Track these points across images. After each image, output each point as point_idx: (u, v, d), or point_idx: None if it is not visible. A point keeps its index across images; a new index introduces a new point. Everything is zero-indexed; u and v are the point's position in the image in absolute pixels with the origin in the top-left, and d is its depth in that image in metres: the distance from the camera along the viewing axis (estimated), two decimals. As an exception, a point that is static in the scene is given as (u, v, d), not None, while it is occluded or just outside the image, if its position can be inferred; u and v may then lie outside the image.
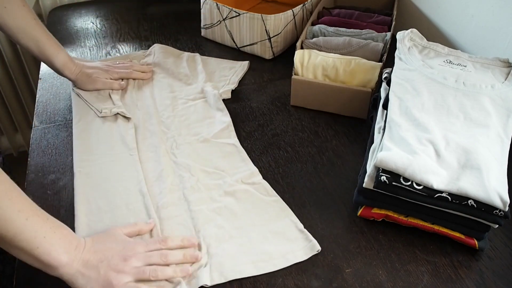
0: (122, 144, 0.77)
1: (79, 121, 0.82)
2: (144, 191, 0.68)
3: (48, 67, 0.88)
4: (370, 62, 0.83)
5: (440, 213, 0.60)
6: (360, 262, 0.61)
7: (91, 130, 0.80)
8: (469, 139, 0.62)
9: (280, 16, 0.97)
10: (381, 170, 0.59)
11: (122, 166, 0.74)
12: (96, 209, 0.66)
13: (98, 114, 0.83)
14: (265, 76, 0.98)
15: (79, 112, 0.84)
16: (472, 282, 0.59)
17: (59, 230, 0.54)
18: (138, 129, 0.81)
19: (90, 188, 0.70)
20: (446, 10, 0.97)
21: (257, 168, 0.73)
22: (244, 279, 0.58)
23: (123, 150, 0.76)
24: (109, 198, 0.68)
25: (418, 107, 0.66)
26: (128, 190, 0.69)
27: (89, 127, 0.81)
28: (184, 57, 1.00)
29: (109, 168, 0.73)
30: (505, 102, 0.67)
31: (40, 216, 0.52)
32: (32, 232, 0.50)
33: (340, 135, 0.82)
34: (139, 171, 0.72)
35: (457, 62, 0.74)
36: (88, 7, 1.26)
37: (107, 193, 0.69)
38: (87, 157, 0.75)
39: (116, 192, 0.69)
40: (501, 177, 0.58)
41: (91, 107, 0.85)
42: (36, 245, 0.50)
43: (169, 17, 1.21)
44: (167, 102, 0.87)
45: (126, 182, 0.70)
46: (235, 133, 0.80)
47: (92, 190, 0.69)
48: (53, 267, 0.52)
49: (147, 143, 0.78)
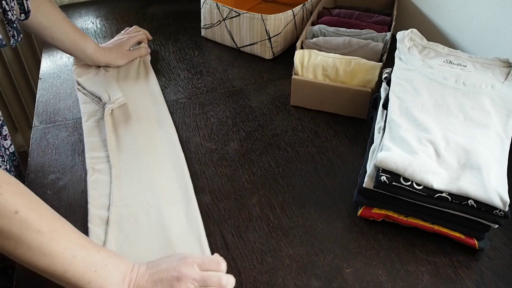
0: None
1: (88, 120, 0.83)
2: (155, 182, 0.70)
3: (79, 57, 0.93)
4: (370, 62, 0.83)
5: (440, 213, 0.60)
6: (360, 262, 0.61)
7: (101, 127, 0.81)
8: (469, 139, 0.62)
9: (280, 16, 0.97)
10: (381, 170, 0.59)
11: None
12: (108, 205, 0.67)
13: (105, 111, 0.83)
14: (265, 76, 0.98)
15: (86, 111, 0.86)
16: (472, 282, 0.59)
17: (110, 260, 0.51)
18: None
19: (104, 185, 0.70)
20: (446, 10, 0.97)
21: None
22: (244, 279, 0.58)
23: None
24: (123, 194, 0.69)
25: (418, 107, 0.66)
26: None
27: (98, 124, 0.82)
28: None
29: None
30: (505, 102, 0.67)
31: (90, 250, 0.50)
32: (82, 269, 0.48)
33: (340, 135, 0.82)
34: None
35: (457, 62, 0.74)
36: (88, 7, 1.26)
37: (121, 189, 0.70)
38: (99, 154, 0.76)
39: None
40: (501, 177, 0.58)
41: (97, 104, 0.87)
42: (88, 280, 0.49)
43: (169, 17, 1.21)
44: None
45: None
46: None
47: (106, 186, 0.70)
48: None
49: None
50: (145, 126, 0.82)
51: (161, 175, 0.72)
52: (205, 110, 0.88)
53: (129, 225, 0.64)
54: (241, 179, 0.73)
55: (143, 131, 0.81)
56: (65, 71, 0.99)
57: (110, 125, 0.80)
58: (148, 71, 0.97)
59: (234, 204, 0.69)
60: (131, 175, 0.72)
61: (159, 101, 0.89)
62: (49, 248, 0.46)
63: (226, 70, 1.00)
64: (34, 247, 0.45)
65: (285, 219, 0.67)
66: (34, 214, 0.46)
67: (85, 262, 0.49)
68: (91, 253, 0.50)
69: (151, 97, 0.90)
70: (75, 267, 0.48)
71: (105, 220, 0.64)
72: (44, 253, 0.46)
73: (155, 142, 0.79)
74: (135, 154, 0.76)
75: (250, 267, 0.59)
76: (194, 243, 0.62)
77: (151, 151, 0.77)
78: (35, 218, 0.46)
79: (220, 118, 0.86)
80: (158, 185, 0.70)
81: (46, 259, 0.46)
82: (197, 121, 0.85)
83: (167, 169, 0.73)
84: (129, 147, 0.77)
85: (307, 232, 0.65)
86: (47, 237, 0.46)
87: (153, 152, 0.76)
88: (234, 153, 0.79)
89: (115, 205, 0.67)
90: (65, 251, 0.47)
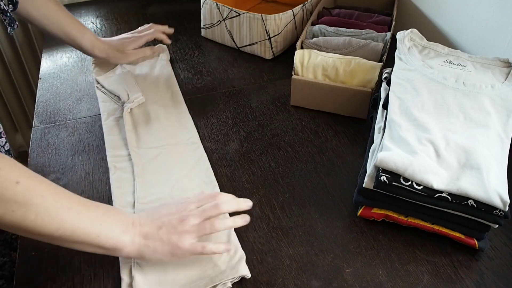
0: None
1: (107, 118, 0.84)
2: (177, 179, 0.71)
3: (78, 50, 0.90)
4: (370, 62, 0.83)
5: (440, 213, 0.60)
6: (360, 262, 0.61)
7: (120, 126, 0.82)
8: (469, 139, 0.62)
9: (280, 16, 0.97)
10: (381, 170, 0.59)
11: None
12: (132, 203, 0.68)
13: (124, 110, 0.83)
14: (265, 76, 0.98)
15: (106, 109, 0.86)
16: (472, 282, 0.59)
17: (112, 213, 0.54)
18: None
19: (126, 182, 0.71)
20: (446, 10, 0.97)
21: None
22: (244, 279, 0.58)
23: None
24: (147, 191, 0.69)
25: (418, 107, 0.66)
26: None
27: (117, 123, 0.83)
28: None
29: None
30: (505, 102, 0.67)
31: (90, 206, 0.52)
32: (88, 224, 0.50)
33: (340, 135, 0.82)
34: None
35: (457, 62, 0.74)
36: (88, 7, 1.26)
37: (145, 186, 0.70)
38: (120, 152, 0.76)
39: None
40: (501, 177, 0.58)
41: (116, 103, 0.87)
42: (96, 234, 0.51)
43: (169, 17, 1.21)
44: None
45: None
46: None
47: (129, 184, 0.71)
48: (118, 250, 0.53)
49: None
50: (165, 125, 0.82)
51: (184, 172, 0.73)
52: (205, 110, 0.88)
53: None
54: (241, 179, 0.73)
55: (164, 129, 0.81)
56: (65, 71, 0.99)
57: (129, 123, 0.81)
58: (167, 70, 0.97)
59: (234, 204, 0.69)
60: (153, 173, 0.72)
61: (179, 101, 0.89)
62: (55, 210, 0.48)
63: (226, 70, 1.00)
64: (41, 212, 0.47)
65: (285, 219, 0.67)
66: (34, 181, 0.48)
67: (90, 217, 0.51)
68: (92, 209, 0.52)
69: (170, 96, 0.90)
70: (82, 224, 0.50)
71: None
72: (52, 216, 0.47)
73: (176, 140, 0.79)
74: (156, 152, 0.76)
75: (250, 267, 0.59)
76: (223, 235, 0.63)
77: (173, 149, 0.77)
78: (36, 185, 0.48)
79: (220, 118, 0.86)
80: (182, 182, 0.71)
81: (55, 221, 0.48)
82: (197, 121, 0.85)
83: (190, 167, 0.74)
84: (149, 146, 0.78)
85: (307, 232, 0.65)
86: (51, 199, 0.48)
87: (175, 150, 0.77)
88: (234, 153, 0.79)
89: (140, 202, 0.67)
90: (70, 210, 0.49)
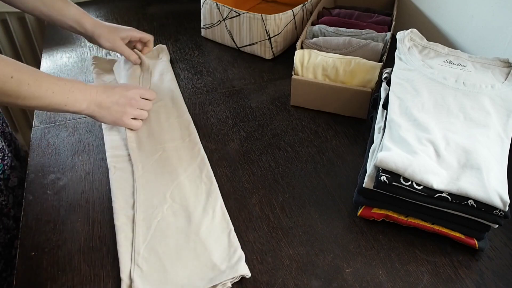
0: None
1: None
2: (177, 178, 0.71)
3: (63, 27, 0.86)
4: (370, 62, 0.83)
5: (440, 213, 0.60)
6: (360, 262, 0.61)
7: (120, 127, 0.81)
8: (469, 139, 0.62)
9: (280, 16, 0.97)
10: (381, 170, 0.59)
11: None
12: (132, 203, 0.68)
13: None
14: (265, 76, 0.98)
15: None
16: (472, 282, 0.59)
17: (75, 87, 0.71)
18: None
19: (126, 183, 0.71)
20: (446, 10, 0.97)
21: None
22: (244, 279, 0.58)
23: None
24: (147, 191, 0.69)
25: (418, 107, 0.66)
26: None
27: None
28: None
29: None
30: (505, 102, 0.67)
31: (61, 85, 0.68)
32: (59, 99, 0.68)
33: (340, 135, 0.82)
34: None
35: (457, 62, 0.74)
36: (88, 7, 1.26)
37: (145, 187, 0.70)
38: (120, 152, 0.76)
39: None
40: (501, 177, 0.58)
41: None
42: (65, 103, 0.69)
43: (169, 17, 1.21)
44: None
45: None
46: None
47: (129, 185, 0.71)
48: (78, 112, 0.72)
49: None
50: (165, 125, 0.82)
51: (184, 172, 0.72)
52: (205, 110, 0.88)
53: (155, 221, 0.65)
54: (241, 179, 0.73)
55: (164, 129, 0.81)
56: (65, 71, 0.99)
57: None
58: (168, 70, 0.97)
59: (234, 204, 0.69)
60: (153, 173, 0.72)
61: (179, 101, 0.89)
62: (38, 93, 0.65)
63: (226, 70, 1.00)
64: (28, 96, 0.64)
65: (285, 219, 0.67)
66: (23, 74, 0.63)
67: (60, 93, 0.68)
68: (62, 86, 0.69)
69: (170, 96, 0.90)
70: (55, 99, 0.68)
71: (131, 218, 0.65)
72: (35, 96, 0.65)
73: (176, 140, 0.79)
74: (156, 153, 0.76)
75: (250, 267, 0.59)
76: (222, 235, 0.63)
77: (173, 150, 0.77)
78: (25, 77, 0.63)
79: (220, 118, 0.86)
80: (181, 181, 0.71)
81: (38, 100, 0.66)
82: (197, 121, 0.85)
83: (190, 166, 0.74)
84: (149, 146, 0.77)
85: (307, 232, 0.65)
86: (34, 86, 0.64)
87: (175, 150, 0.77)
88: (234, 153, 0.79)
89: (140, 203, 0.67)
90: (47, 91, 0.66)
